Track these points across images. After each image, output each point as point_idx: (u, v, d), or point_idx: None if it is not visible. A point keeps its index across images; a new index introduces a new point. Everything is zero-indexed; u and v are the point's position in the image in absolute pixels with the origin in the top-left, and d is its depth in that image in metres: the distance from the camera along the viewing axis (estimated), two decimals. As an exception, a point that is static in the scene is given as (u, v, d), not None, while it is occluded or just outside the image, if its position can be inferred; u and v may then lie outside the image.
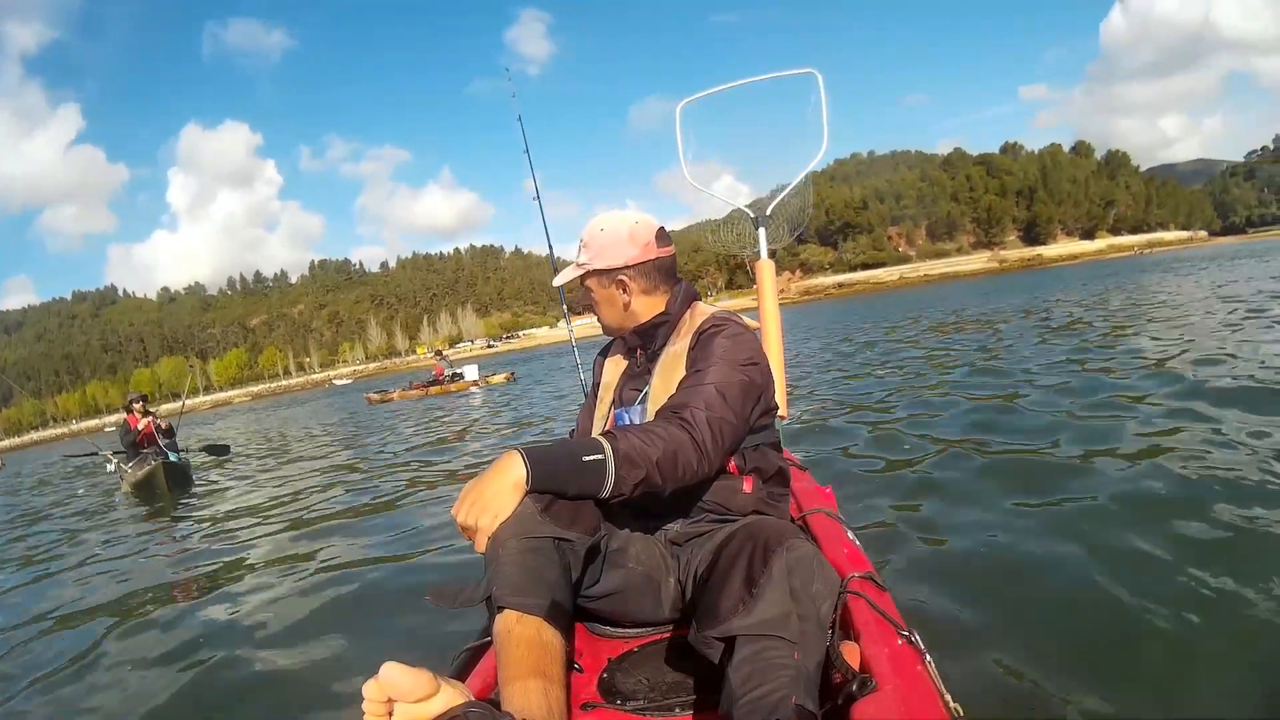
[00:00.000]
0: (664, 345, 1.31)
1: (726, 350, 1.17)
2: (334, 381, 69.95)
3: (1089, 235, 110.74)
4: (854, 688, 0.88)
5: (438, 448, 6.82)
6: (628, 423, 1.29)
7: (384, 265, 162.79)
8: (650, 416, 1.23)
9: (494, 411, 9.93)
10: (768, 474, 1.27)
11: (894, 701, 0.83)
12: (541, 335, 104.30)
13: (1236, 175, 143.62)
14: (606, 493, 1.00)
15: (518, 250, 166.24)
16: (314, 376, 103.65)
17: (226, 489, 6.54)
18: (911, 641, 0.99)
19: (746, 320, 1.29)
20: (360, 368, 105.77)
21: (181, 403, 9.35)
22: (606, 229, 1.29)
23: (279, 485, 6.13)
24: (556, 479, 0.99)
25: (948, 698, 0.88)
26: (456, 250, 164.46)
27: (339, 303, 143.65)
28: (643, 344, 1.35)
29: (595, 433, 1.36)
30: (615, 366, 1.42)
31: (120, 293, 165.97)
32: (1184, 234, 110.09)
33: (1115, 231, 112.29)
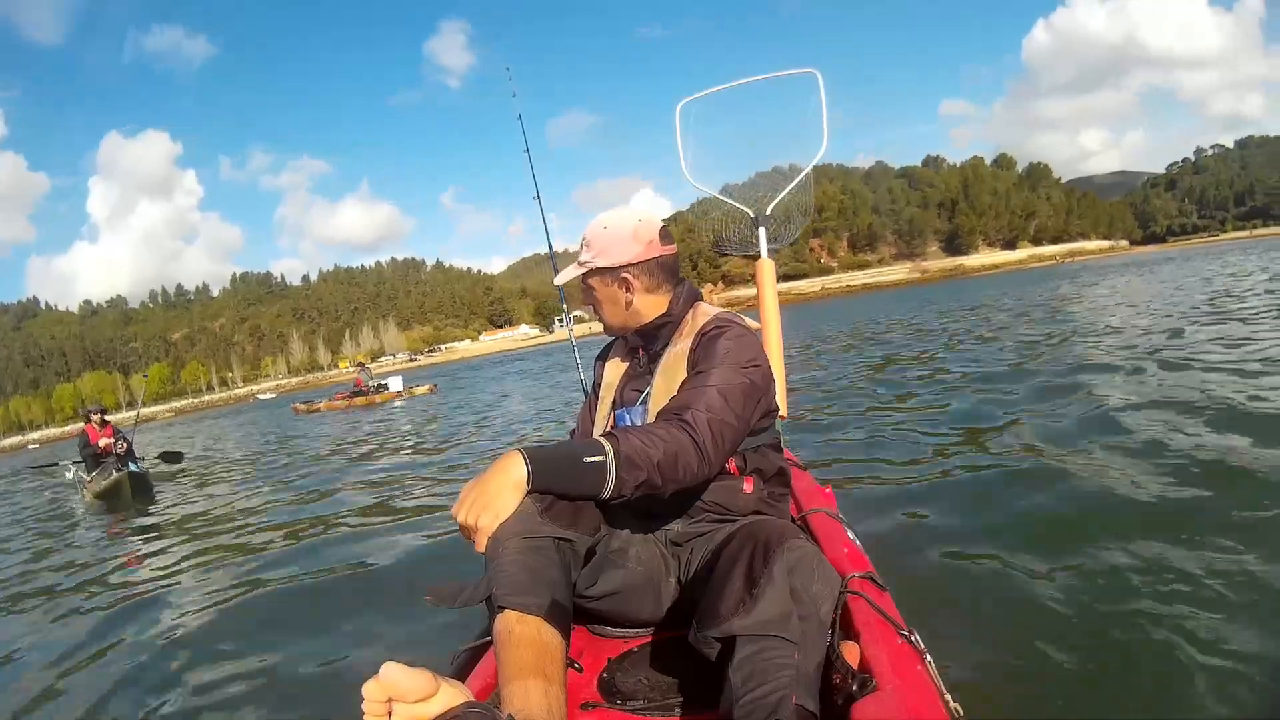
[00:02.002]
0: (666, 346, 1.30)
1: (729, 352, 1.17)
2: (258, 396, 69.32)
3: (1011, 246, 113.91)
4: (854, 688, 0.88)
5: (398, 451, 7.06)
6: (629, 423, 1.28)
7: (305, 278, 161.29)
8: (652, 417, 1.22)
9: (425, 420, 10.38)
10: (768, 474, 1.26)
11: (894, 701, 0.83)
12: (463, 349, 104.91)
13: (1158, 186, 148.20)
14: (607, 494, 1.00)
15: (439, 263, 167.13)
16: (236, 391, 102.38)
17: (189, 497, 6.58)
18: (911, 641, 0.99)
19: (748, 321, 1.29)
20: (283, 382, 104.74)
21: (136, 412, 9.74)
22: (610, 227, 1.29)
23: (246, 490, 6.22)
24: (557, 479, 0.99)
25: (948, 698, 0.87)
26: (378, 263, 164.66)
27: (260, 316, 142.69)
28: (645, 344, 1.35)
29: (596, 433, 1.36)
30: (616, 367, 1.41)
31: (42, 305, 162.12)
32: (1105, 243, 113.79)
33: (1037, 242, 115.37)
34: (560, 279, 1.42)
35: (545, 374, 16.90)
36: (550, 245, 2.73)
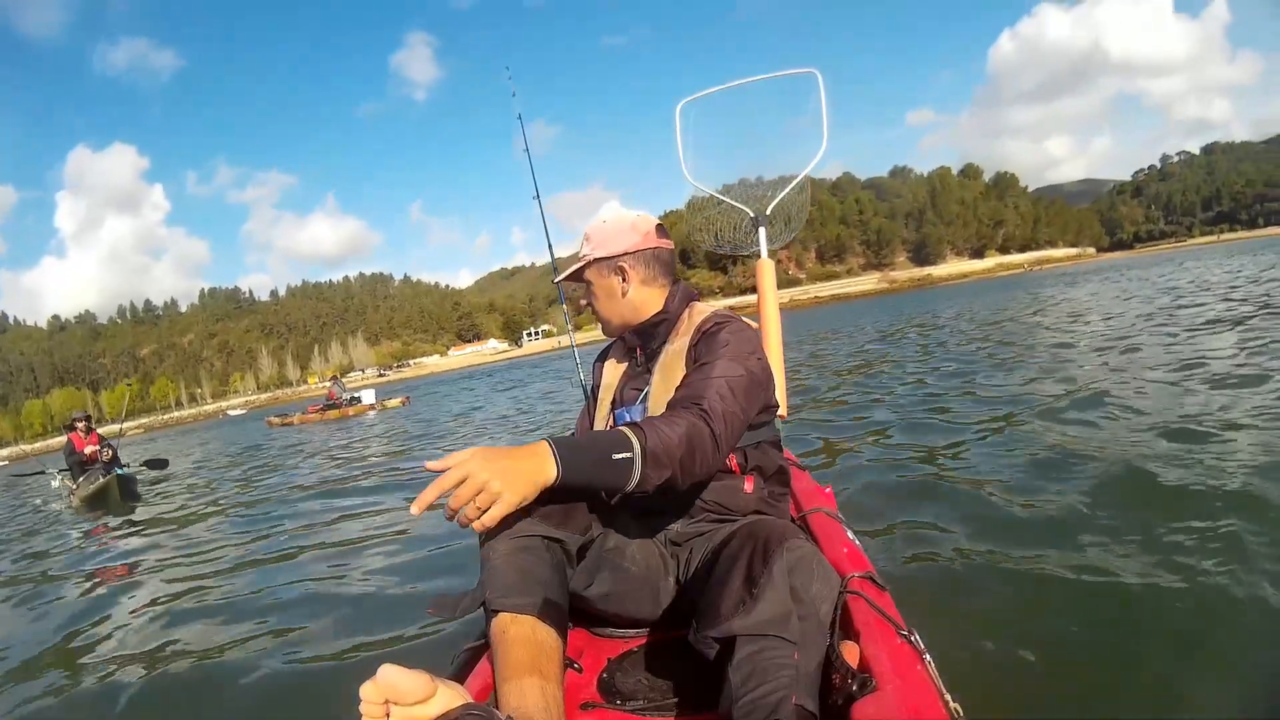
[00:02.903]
0: (663, 344, 1.31)
1: (730, 344, 1.17)
2: (228, 412, 68.35)
3: (978, 254, 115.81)
4: (854, 688, 0.87)
5: (383, 458, 7.19)
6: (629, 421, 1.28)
7: (274, 294, 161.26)
8: (651, 415, 1.23)
9: (399, 430, 10.54)
10: (768, 473, 1.27)
11: (894, 701, 0.83)
12: (432, 364, 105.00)
13: (1124, 193, 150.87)
14: (629, 490, 0.97)
15: (407, 278, 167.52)
16: (206, 408, 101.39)
17: (177, 501, 6.58)
18: (911, 641, 0.98)
19: (747, 320, 1.30)
20: (252, 398, 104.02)
21: (120, 425, 9.86)
22: (609, 220, 1.33)
23: (234, 496, 6.22)
24: (581, 475, 0.94)
25: (947, 697, 0.87)
26: (346, 278, 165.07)
27: (229, 332, 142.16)
28: (642, 343, 1.36)
29: None
30: (614, 368, 1.42)
31: (10, 320, 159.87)
32: (1073, 250, 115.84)
33: (1004, 250, 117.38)
34: (561, 276, 1.43)
35: (518, 387, 16.97)
36: (550, 245, 2.72)
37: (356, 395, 17.47)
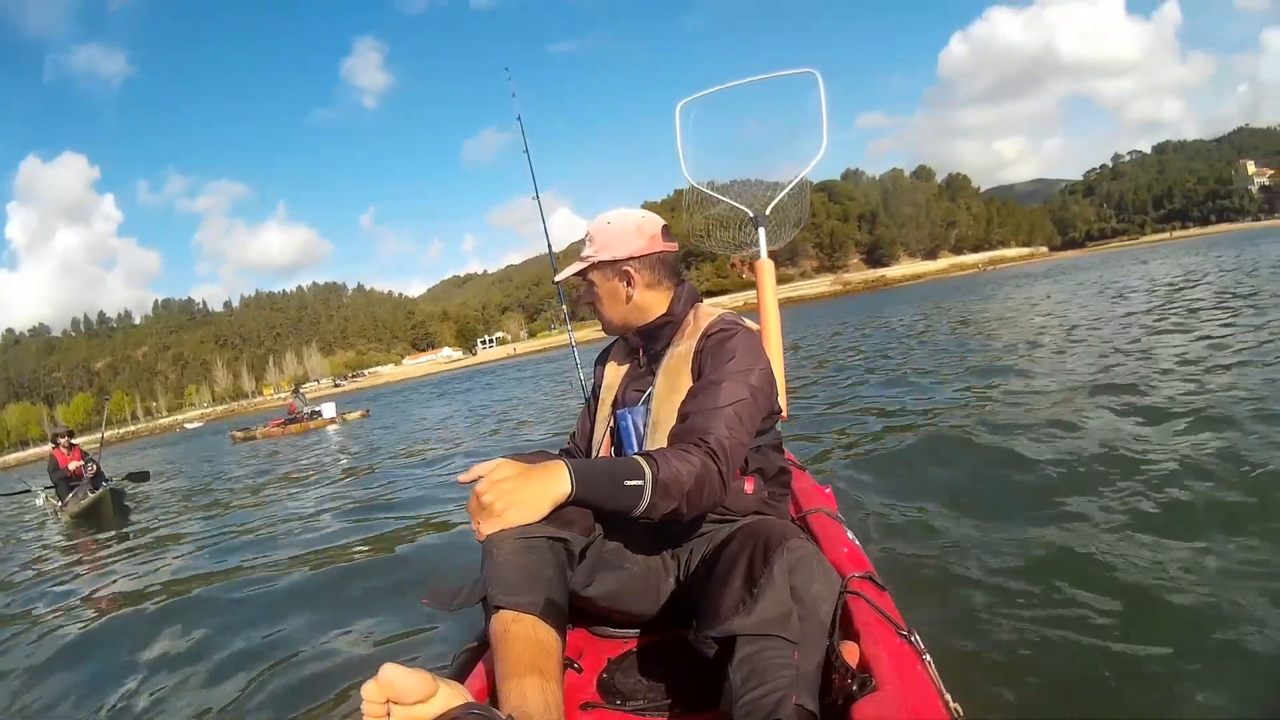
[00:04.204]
0: (667, 346, 1.30)
1: (737, 362, 1.17)
2: (184, 425, 66.61)
3: (932, 255, 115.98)
4: (854, 688, 0.87)
5: (360, 465, 7.25)
6: (630, 423, 1.29)
7: (227, 304, 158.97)
8: (654, 417, 1.23)
9: (365, 443, 10.46)
10: (769, 474, 1.27)
11: (894, 701, 0.83)
12: (387, 373, 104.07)
13: (1076, 193, 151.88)
14: (636, 514, 1.01)
15: (360, 287, 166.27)
16: (161, 421, 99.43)
17: (167, 514, 6.56)
18: (911, 641, 0.99)
19: (749, 323, 1.29)
20: (208, 410, 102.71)
21: (100, 435, 9.81)
22: (613, 222, 1.31)
23: (220, 506, 6.22)
24: (594, 496, 1.00)
25: (947, 697, 0.87)
26: (300, 288, 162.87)
27: (183, 344, 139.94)
28: (645, 345, 1.35)
29: (597, 436, 1.36)
30: (616, 369, 1.42)
31: None
32: (1025, 250, 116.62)
33: (957, 251, 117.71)
34: (562, 275, 1.42)
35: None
36: (549, 244, 2.73)
37: (318, 409, 17.50)
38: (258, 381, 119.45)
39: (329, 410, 17.27)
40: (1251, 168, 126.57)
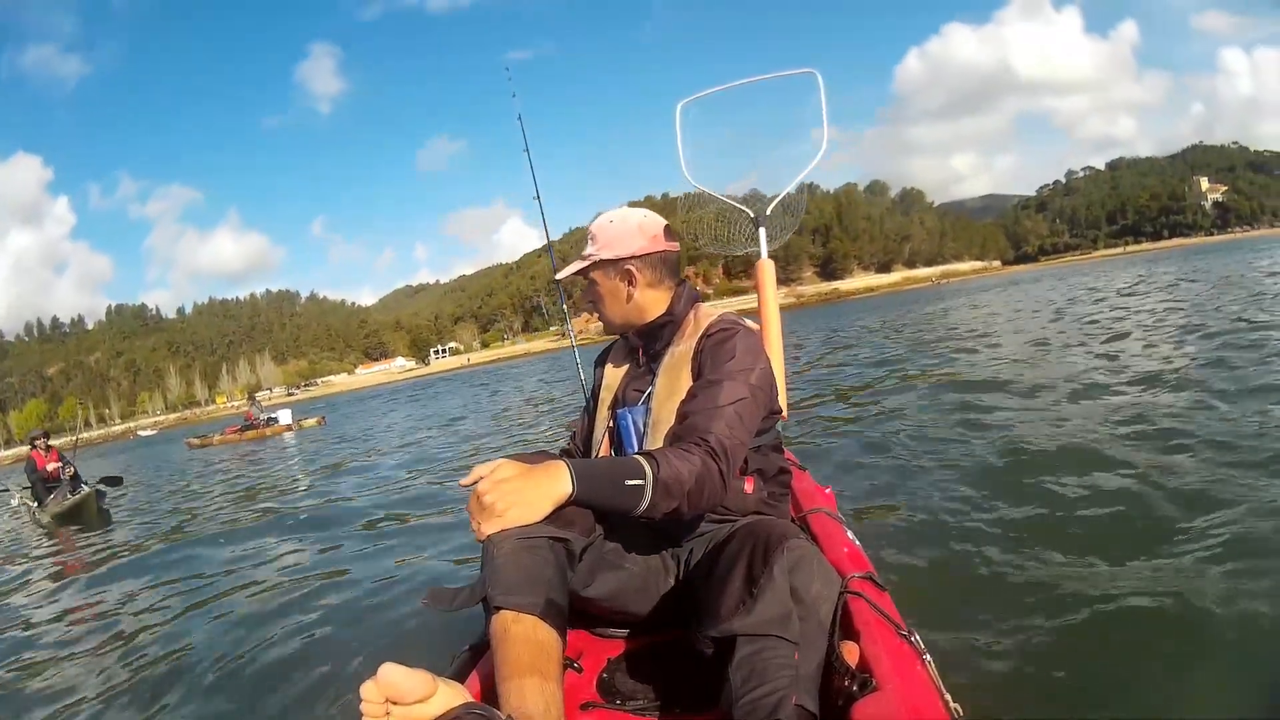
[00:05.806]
0: (667, 346, 1.31)
1: (737, 362, 1.17)
2: (139, 433, 66.25)
3: (885, 269, 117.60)
4: (854, 688, 0.88)
5: (342, 469, 7.17)
6: (630, 423, 1.29)
7: (180, 311, 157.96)
8: (654, 416, 1.23)
9: (323, 449, 10.49)
10: (769, 474, 1.27)
11: (894, 701, 0.83)
12: (340, 382, 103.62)
13: (1029, 208, 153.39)
14: (637, 514, 1.02)
15: (313, 295, 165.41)
16: (114, 428, 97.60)
17: (148, 515, 6.55)
18: (911, 641, 0.99)
19: (749, 323, 1.29)
20: (161, 418, 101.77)
21: (75, 438, 9.83)
22: (615, 221, 1.32)
23: (205, 512, 6.14)
24: (595, 497, 1.00)
25: (947, 697, 0.87)
26: (253, 295, 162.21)
27: (136, 350, 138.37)
28: (645, 344, 1.35)
29: (596, 436, 1.37)
30: (616, 369, 1.42)
31: None
32: (979, 264, 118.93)
33: (911, 265, 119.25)
34: (563, 273, 1.42)
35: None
36: (549, 243, 2.73)
37: (273, 416, 17.56)
38: (211, 389, 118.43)
39: (285, 417, 17.35)
40: (1205, 184, 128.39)
